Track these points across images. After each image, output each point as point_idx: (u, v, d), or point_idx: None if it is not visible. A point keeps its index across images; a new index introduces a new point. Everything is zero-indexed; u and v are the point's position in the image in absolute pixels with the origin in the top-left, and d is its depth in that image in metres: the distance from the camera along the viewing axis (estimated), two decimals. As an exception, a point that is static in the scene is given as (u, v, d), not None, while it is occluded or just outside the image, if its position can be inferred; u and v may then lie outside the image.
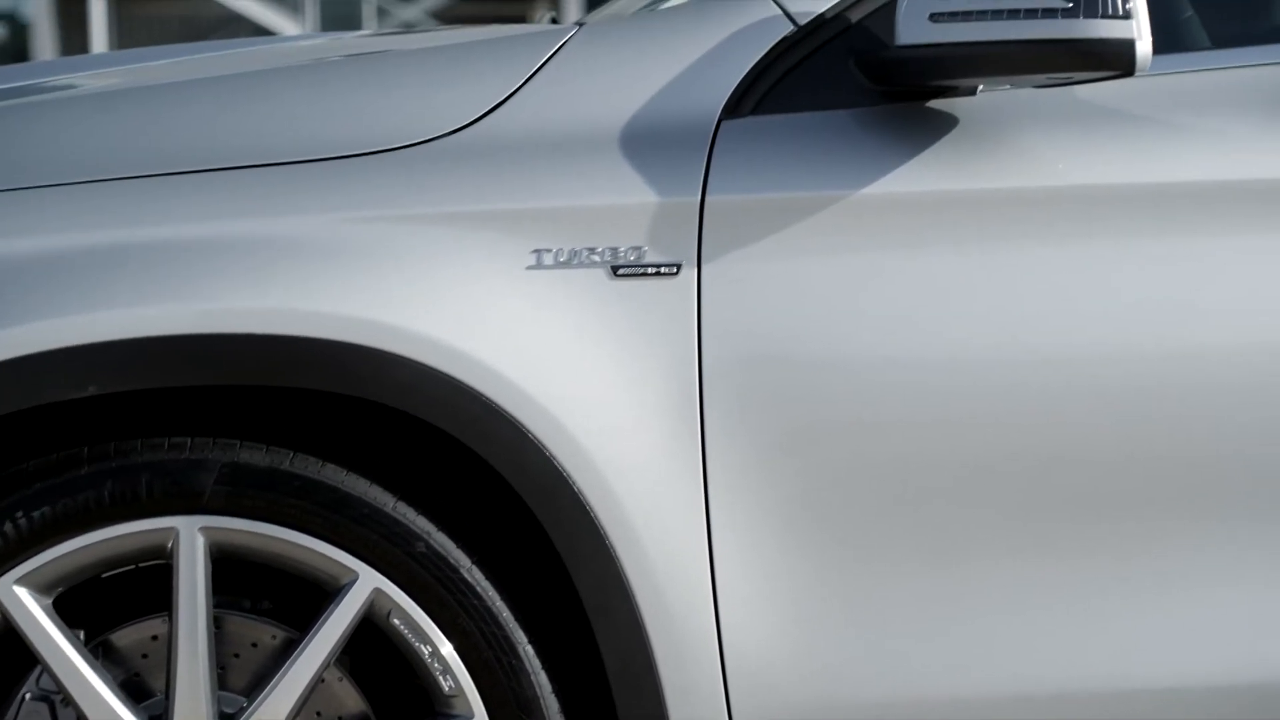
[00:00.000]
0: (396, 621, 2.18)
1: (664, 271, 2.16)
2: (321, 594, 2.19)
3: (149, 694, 2.23)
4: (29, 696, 2.24)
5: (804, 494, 2.18)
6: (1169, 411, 2.20)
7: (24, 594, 2.16)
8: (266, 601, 2.25)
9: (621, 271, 2.16)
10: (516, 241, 2.15)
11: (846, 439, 2.17)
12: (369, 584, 2.17)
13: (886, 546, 2.20)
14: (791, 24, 2.23)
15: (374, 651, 2.24)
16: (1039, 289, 2.19)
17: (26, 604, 2.15)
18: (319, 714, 2.25)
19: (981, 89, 2.22)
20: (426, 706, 2.21)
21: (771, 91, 2.22)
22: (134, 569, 2.22)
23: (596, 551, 2.15)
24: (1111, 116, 2.24)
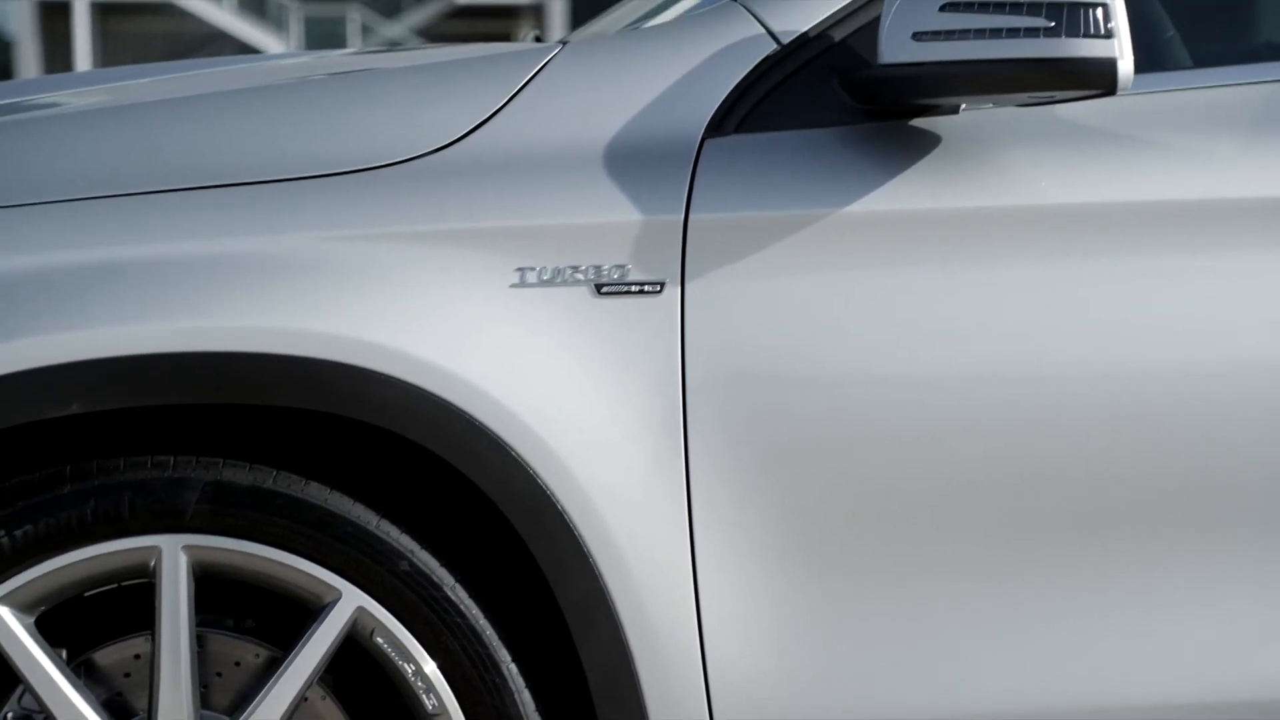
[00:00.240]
0: (380, 640, 2.18)
1: (648, 290, 2.17)
2: (305, 612, 2.19)
3: (131, 713, 2.23)
4: (11, 715, 2.23)
5: (787, 511, 2.18)
6: (1151, 430, 2.20)
7: (6, 613, 2.15)
8: (249, 620, 2.24)
9: (605, 290, 2.16)
10: (500, 260, 2.15)
11: (829, 456, 2.17)
12: (352, 602, 2.16)
13: (870, 564, 2.20)
14: (775, 43, 2.24)
15: (357, 670, 2.24)
16: (1021, 307, 2.19)
17: (8, 623, 2.15)
18: (302, 733, 2.25)
19: (964, 108, 2.23)
20: (410, 725, 2.21)
21: (755, 110, 2.22)
22: (116, 588, 2.22)
23: (580, 569, 2.15)
24: (1094, 135, 2.25)
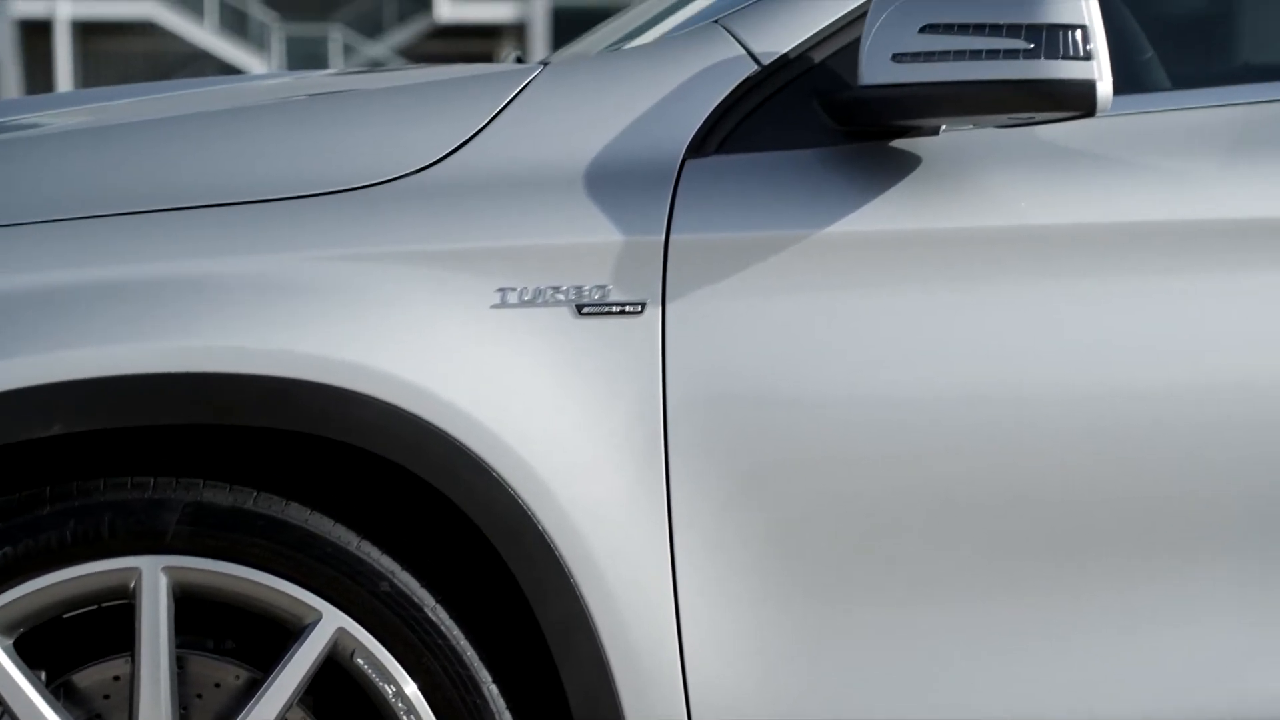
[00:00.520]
0: (360, 661, 2.17)
1: (629, 310, 2.17)
2: (285, 634, 2.18)
3: (111, 735, 2.22)
4: (-10, 738, 2.23)
5: (768, 531, 2.18)
6: (1132, 450, 2.20)
7: (-15, 634, 2.14)
8: (230, 641, 2.24)
9: (586, 310, 2.16)
10: (482, 280, 2.15)
11: (811, 477, 2.18)
12: (333, 623, 2.16)
13: (852, 584, 2.20)
14: (755, 64, 2.24)
15: (338, 692, 2.24)
16: (1002, 327, 2.19)
17: (-12, 644, 2.14)
18: (282, 754, 2.24)
19: (944, 129, 2.23)
20: (390, 746, 2.21)
21: (735, 131, 2.23)
22: (96, 609, 2.21)
23: (561, 589, 2.15)
24: (1073, 157, 2.25)
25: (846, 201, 2.20)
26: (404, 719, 2.18)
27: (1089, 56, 2.09)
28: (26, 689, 2.14)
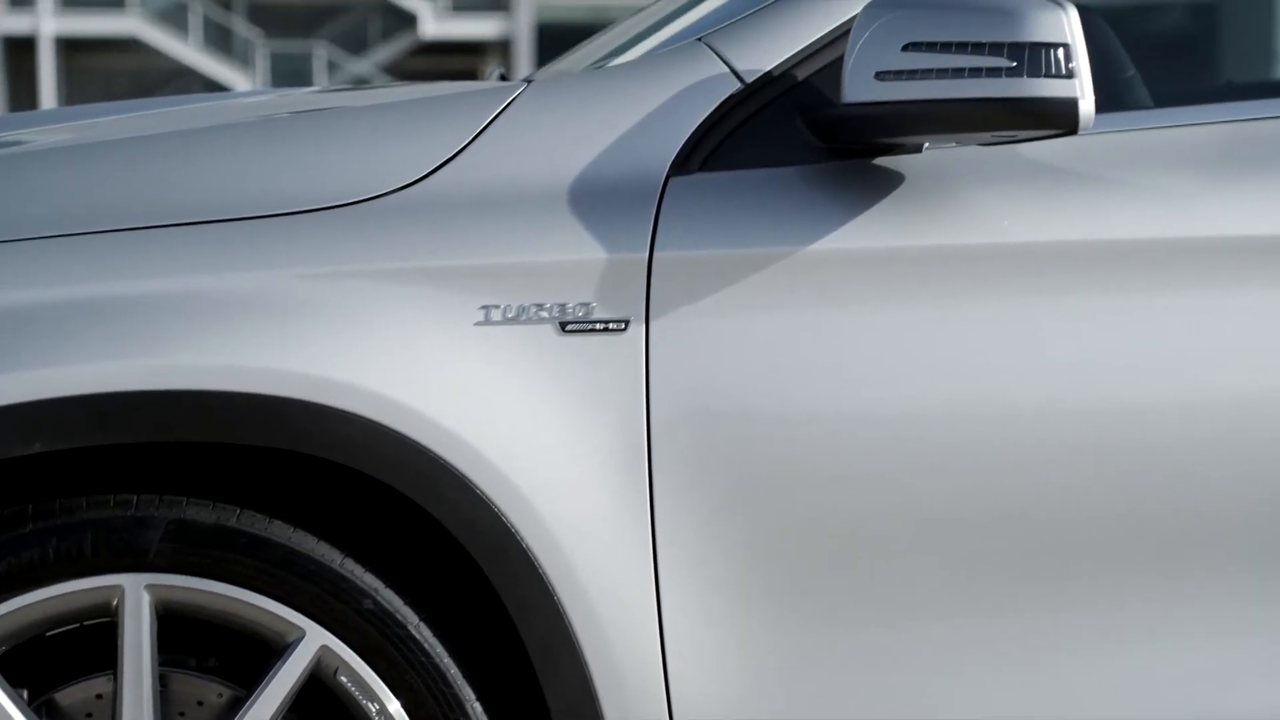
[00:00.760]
0: (343, 679, 2.17)
1: (612, 327, 2.17)
2: (268, 651, 2.18)
3: (93, 753, 2.22)
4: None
5: (751, 548, 2.18)
6: (1116, 467, 2.21)
7: (-33, 653, 2.14)
8: (213, 659, 2.23)
9: (570, 327, 2.17)
10: (465, 298, 2.15)
11: (794, 494, 2.18)
12: (316, 641, 2.16)
13: (834, 601, 2.20)
14: (739, 81, 2.25)
15: (321, 710, 2.23)
16: (984, 345, 2.20)
17: (-31, 663, 2.14)
18: (265, 772, 2.23)
19: (927, 147, 2.24)
20: (374, 764, 2.21)
21: (719, 148, 2.23)
22: (79, 627, 2.21)
23: (544, 606, 2.15)
24: (1056, 174, 2.26)
25: (830, 219, 2.20)
26: (387, 737, 2.18)
27: (1071, 75, 2.10)
28: (8, 707, 2.14)
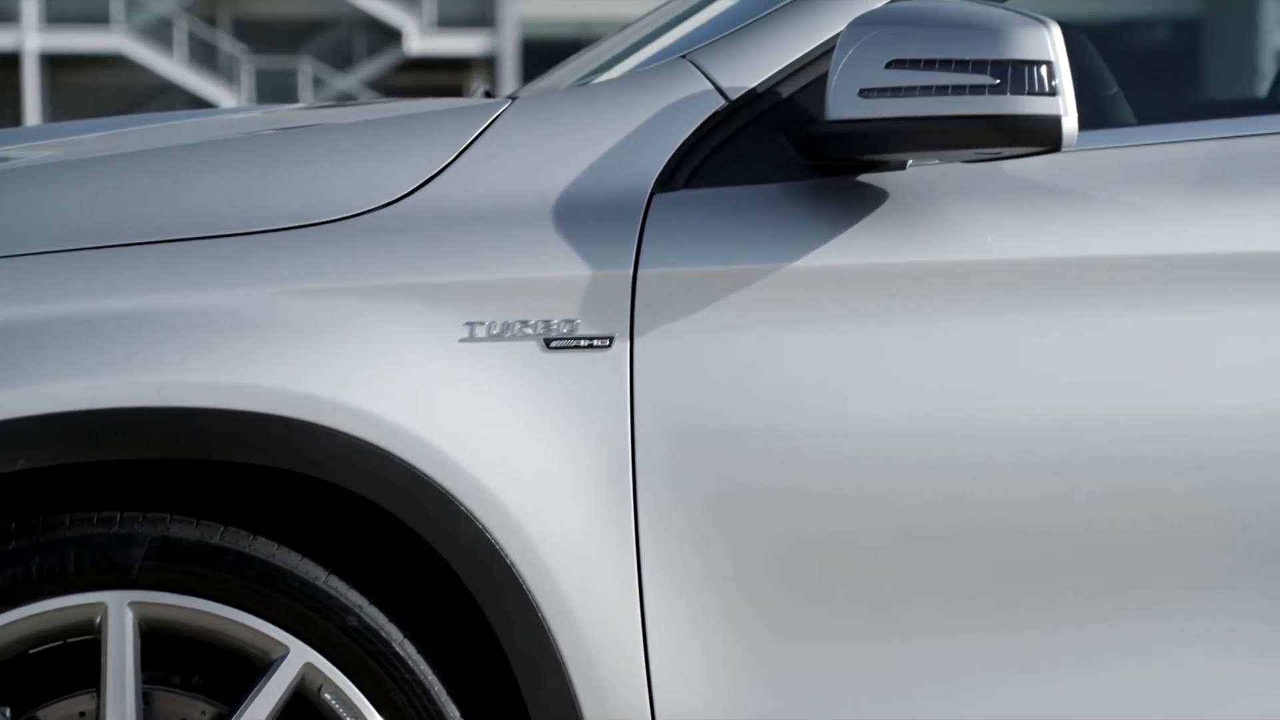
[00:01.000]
0: (328, 696, 2.17)
1: (597, 344, 2.17)
2: (252, 669, 2.17)
3: (76, 771, 2.21)
4: (-46, 774, 2.21)
5: (736, 564, 2.18)
6: (1101, 484, 2.21)
7: (-50, 670, 2.13)
8: (196, 677, 2.23)
9: (554, 344, 2.17)
10: (449, 314, 2.16)
11: (778, 511, 2.18)
12: (300, 658, 2.15)
13: (818, 617, 2.20)
14: (723, 98, 2.25)
15: (305, 727, 2.23)
16: (969, 361, 2.20)
17: (-48, 680, 2.13)
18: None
19: (911, 163, 2.24)
20: (357, 781, 2.20)
21: (703, 165, 2.23)
22: (62, 644, 2.20)
23: (529, 623, 2.15)
24: (1039, 191, 2.26)
25: (814, 236, 2.21)
26: (371, 754, 2.17)
27: (1054, 92, 2.10)
28: (-9, 725, 2.13)
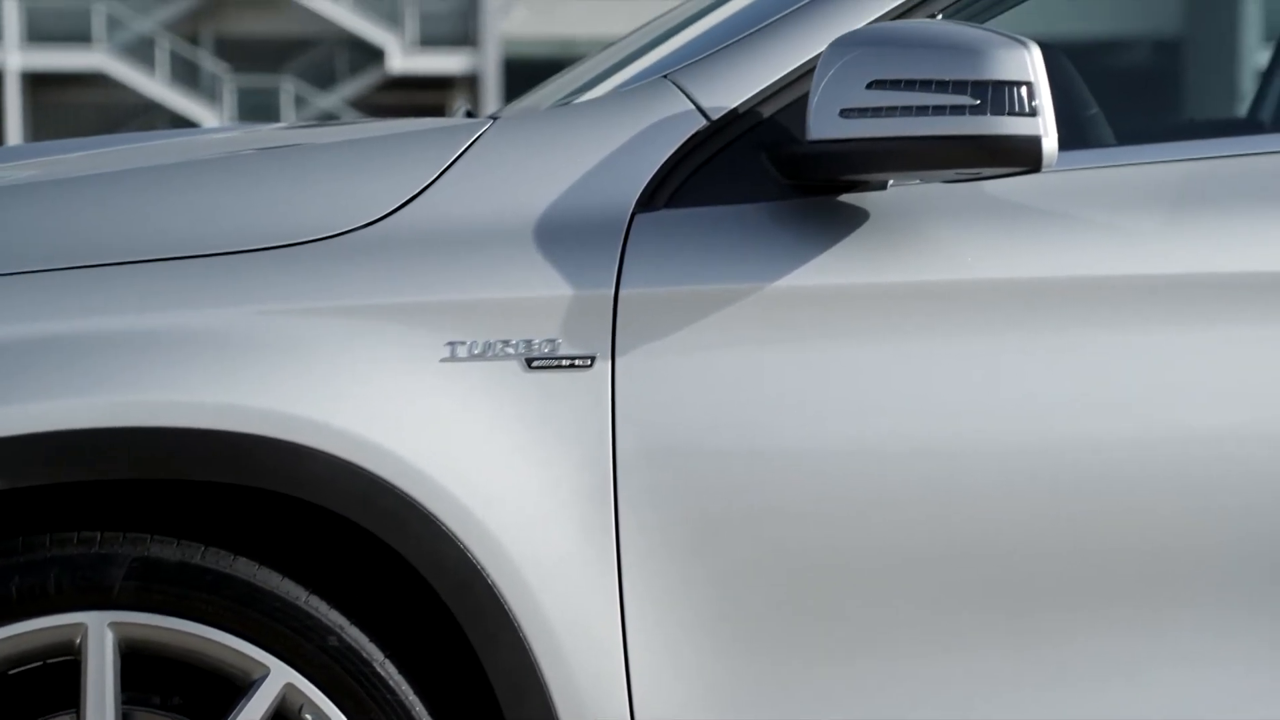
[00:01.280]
0: (309, 717, 2.16)
1: (578, 364, 2.17)
2: (233, 689, 2.17)
3: (56, 792, 2.20)
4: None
5: (718, 585, 2.18)
6: (1080, 503, 2.21)
7: (-71, 692, 2.13)
8: (177, 697, 2.22)
9: (536, 364, 2.17)
10: (431, 334, 2.16)
11: (760, 530, 2.18)
12: (281, 679, 2.15)
13: (799, 636, 2.20)
14: (704, 118, 2.25)
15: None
16: (950, 381, 2.20)
17: (-69, 702, 2.12)
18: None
19: (892, 183, 2.25)
20: (338, 802, 2.19)
21: (685, 185, 2.24)
22: (41, 665, 2.19)
23: (510, 643, 2.15)
24: (1020, 211, 2.27)
25: (795, 255, 2.21)
26: (352, 775, 2.17)
27: (1034, 113, 2.11)
28: (-30, 746, 2.13)
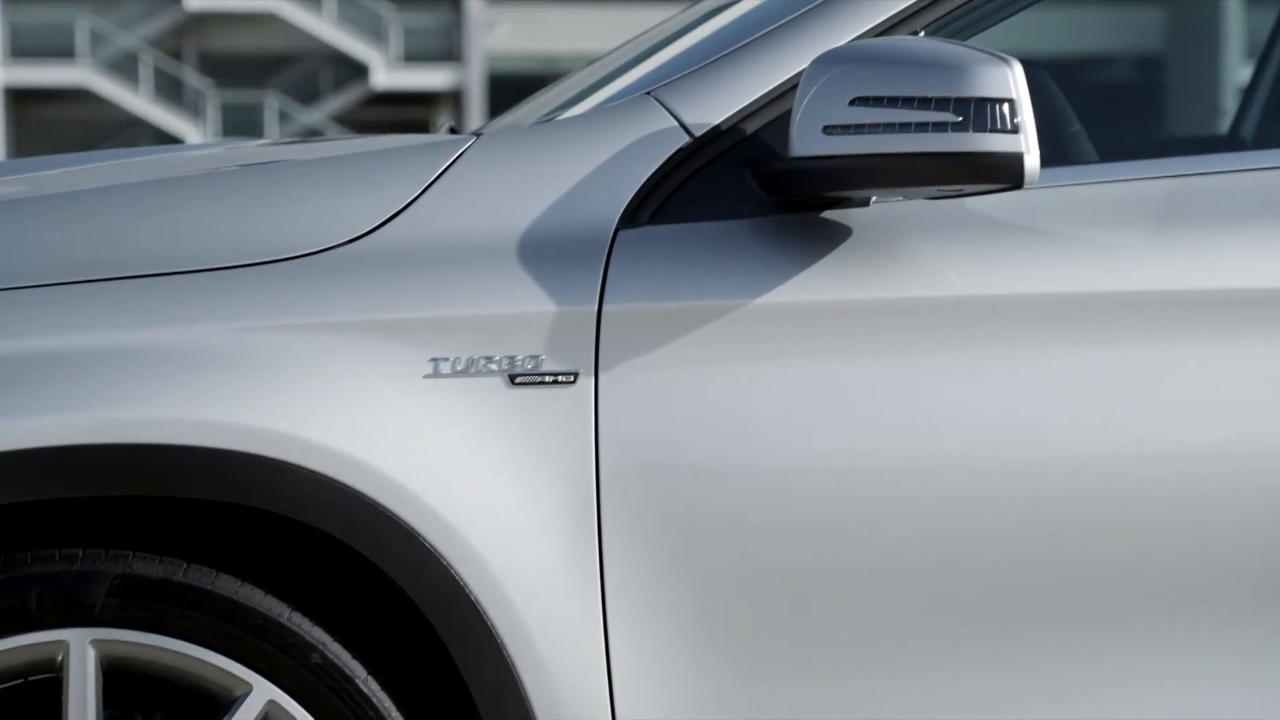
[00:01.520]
0: (291, 733, 2.16)
1: (561, 380, 2.17)
2: (215, 706, 2.16)
3: (37, 810, 2.19)
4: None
5: (701, 601, 2.18)
6: (1066, 519, 2.21)
7: (-90, 709, 2.12)
8: (158, 714, 2.21)
9: (519, 380, 2.17)
10: (414, 350, 2.15)
11: (743, 547, 2.18)
12: (263, 696, 2.14)
13: (783, 652, 2.20)
14: (687, 135, 2.26)
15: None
16: (933, 397, 2.21)
17: (-88, 719, 2.12)
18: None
19: (875, 200, 2.25)
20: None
21: (668, 201, 2.24)
22: (23, 683, 2.19)
23: (493, 660, 2.14)
24: (1003, 228, 2.27)
25: (778, 272, 2.21)
26: (335, 792, 2.16)
27: (1017, 130, 2.11)
28: (-49, 764, 2.12)
